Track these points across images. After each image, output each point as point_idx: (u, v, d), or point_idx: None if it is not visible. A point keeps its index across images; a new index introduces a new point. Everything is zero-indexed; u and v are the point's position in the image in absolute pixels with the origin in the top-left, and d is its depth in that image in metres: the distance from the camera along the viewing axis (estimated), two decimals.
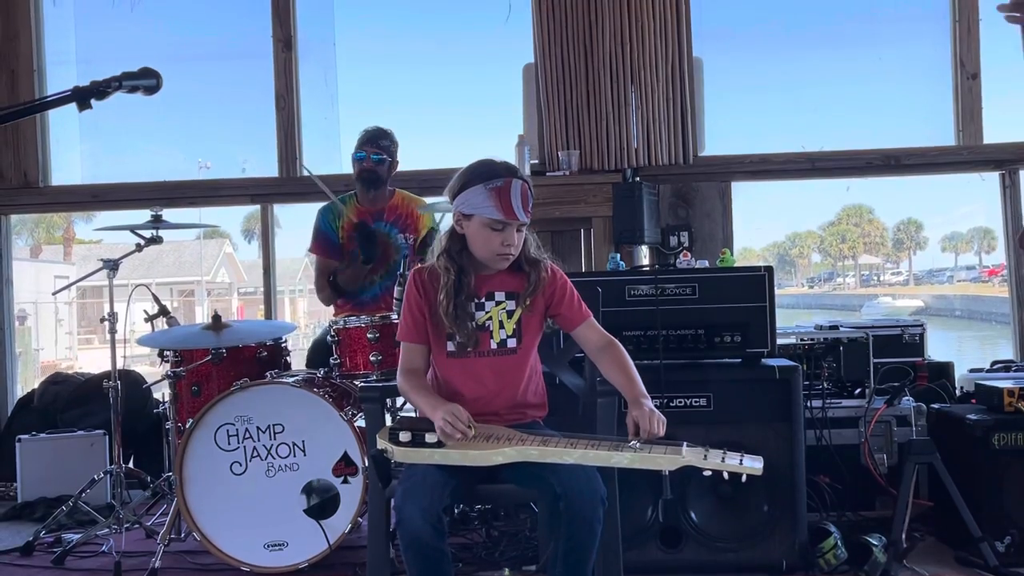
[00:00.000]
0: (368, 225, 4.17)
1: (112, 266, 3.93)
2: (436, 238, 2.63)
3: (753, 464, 2.19)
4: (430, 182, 4.73)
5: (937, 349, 4.55)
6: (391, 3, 6.74)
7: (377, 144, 4.23)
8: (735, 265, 3.71)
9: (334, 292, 4.23)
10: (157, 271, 27.31)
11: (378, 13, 6.70)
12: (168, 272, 29.40)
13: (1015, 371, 4.17)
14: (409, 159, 4.49)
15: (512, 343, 2.53)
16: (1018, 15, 2.53)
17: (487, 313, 2.52)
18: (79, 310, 26.79)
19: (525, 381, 2.55)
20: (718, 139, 5.20)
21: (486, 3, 5.46)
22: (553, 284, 2.56)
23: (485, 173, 2.45)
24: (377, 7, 6.47)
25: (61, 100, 1.90)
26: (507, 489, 2.43)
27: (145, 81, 1.98)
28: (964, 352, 17.64)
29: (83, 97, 1.89)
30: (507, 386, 2.53)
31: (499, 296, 2.54)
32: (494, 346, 2.52)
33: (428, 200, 4.35)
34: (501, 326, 2.52)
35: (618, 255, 3.86)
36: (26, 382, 5.96)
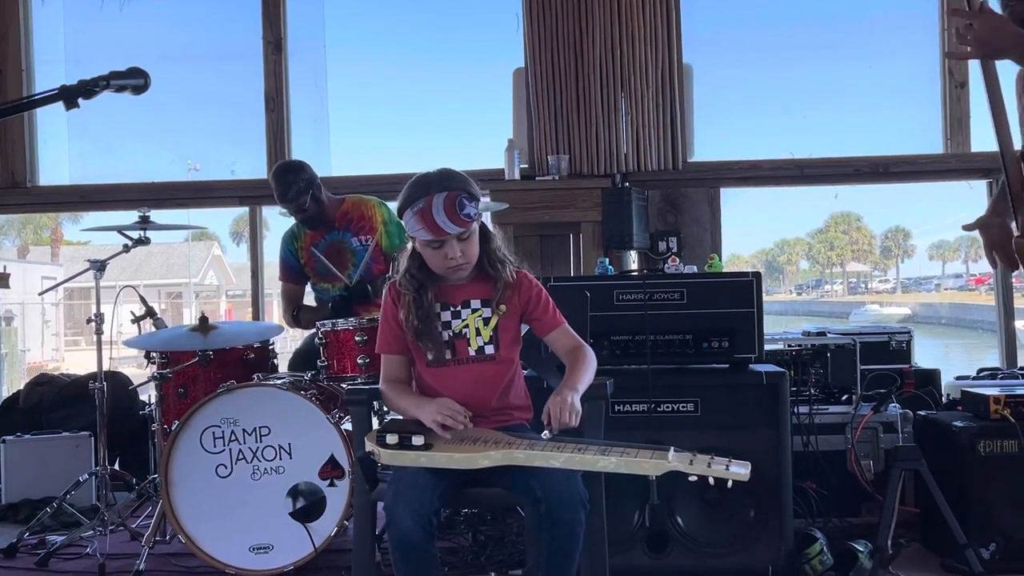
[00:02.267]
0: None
1: (99, 267, 3.90)
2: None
3: (739, 470, 2.18)
4: None
5: (924, 356, 4.57)
6: (382, 5, 6.73)
7: (291, 193, 4.03)
8: (723, 271, 3.71)
9: (297, 324, 4.28)
10: (145, 273, 27.19)
11: (369, 15, 6.70)
12: (157, 274, 29.30)
13: (1001, 378, 4.18)
14: (396, 161, 4.47)
15: (490, 350, 2.53)
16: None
17: (463, 321, 2.54)
18: (66, 311, 26.66)
19: (506, 385, 2.56)
20: (707, 145, 5.21)
21: (478, 7, 5.46)
22: (529, 291, 2.58)
23: (409, 199, 2.46)
24: (368, 9, 6.47)
25: (48, 99, 1.89)
26: (495, 493, 2.43)
27: (133, 80, 1.98)
28: (951, 359, 17.70)
29: (70, 96, 1.88)
30: (489, 392, 2.53)
31: (475, 304, 2.55)
32: (472, 353, 2.53)
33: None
34: (478, 333, 2.53)
35: (607, 260, 3.87)
36: (12, 383, 5.94)
